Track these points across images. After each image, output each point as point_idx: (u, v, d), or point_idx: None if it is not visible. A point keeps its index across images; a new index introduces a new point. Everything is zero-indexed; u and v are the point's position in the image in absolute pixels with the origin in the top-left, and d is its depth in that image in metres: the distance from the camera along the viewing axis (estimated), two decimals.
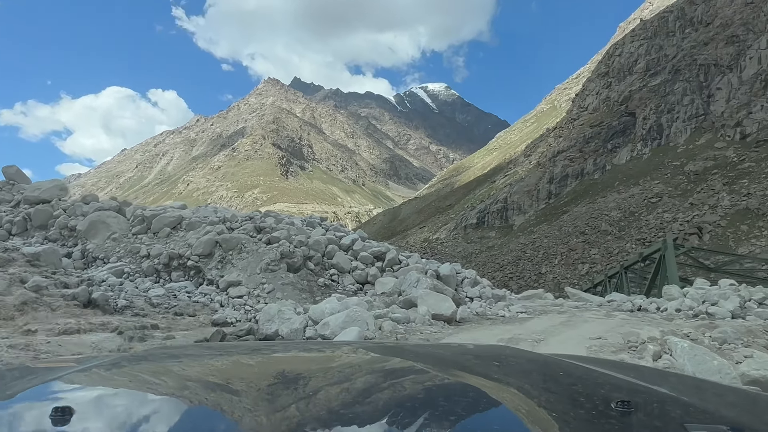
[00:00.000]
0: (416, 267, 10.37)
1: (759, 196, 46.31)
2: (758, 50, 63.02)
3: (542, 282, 53.29)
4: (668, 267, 12.80)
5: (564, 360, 1.51)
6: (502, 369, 1.37)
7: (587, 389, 1.13)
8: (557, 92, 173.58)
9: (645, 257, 15.64)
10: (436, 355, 1.55)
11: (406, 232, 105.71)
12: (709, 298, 8.00)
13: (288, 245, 9.40)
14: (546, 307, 9.22)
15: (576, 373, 1.30)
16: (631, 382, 1.18)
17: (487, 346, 2.08)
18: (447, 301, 7.48)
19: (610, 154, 72.01)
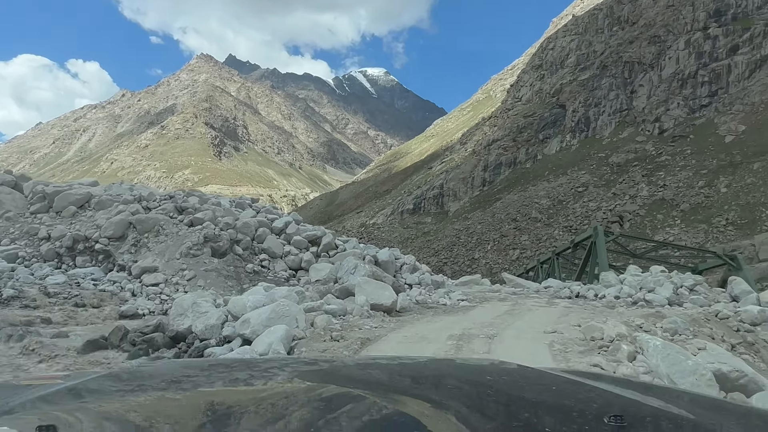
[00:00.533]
0: (354, 252, 9.88)
1: (674, 188, 49.53)
2: (677, 51, 67.04)
3: (475, 267, 54.53)
4: (599, 253, 13.10)
5: (555, 374, 1.43)
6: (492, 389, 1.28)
7: (579, 404, 1.10)
8: (493, 82, 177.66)
9: (576, 244, 16.02)
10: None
11: (343, 217, 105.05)
12: (645, 285, 8.09)
13: (213, 228, 8.58)
14: (485, 294, 9.04)
15: (567, 388, 1.25)
16: (625, 397, 1.15)
17: (475, 366, 1.83)
18: (387, 290, 7.03)
19: (541, 144, 74.48)
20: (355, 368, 1.57)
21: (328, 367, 1.62)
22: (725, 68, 61.04)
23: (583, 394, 1.20)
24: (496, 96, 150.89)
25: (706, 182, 47.49)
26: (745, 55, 60.66)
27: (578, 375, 1.46)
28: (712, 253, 16.00)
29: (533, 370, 1.56)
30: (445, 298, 8.34)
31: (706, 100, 60.62)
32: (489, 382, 1.39)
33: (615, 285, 8.82)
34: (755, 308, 6.79)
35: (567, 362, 3.97)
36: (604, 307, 7.39)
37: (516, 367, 1.64)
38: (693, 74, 63.32)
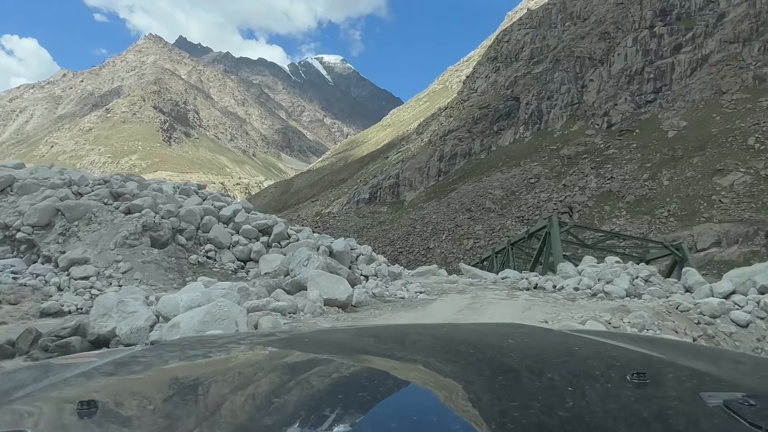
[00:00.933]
0: (307, 243, 9.41)
1: (620, 180, 51.31)
2: (625, 48, 69.24)
3: (430, 257, 54.92)
4: (553, 243, 13.18)
5: (576, 334, 1.48)
6: (516, 345, 1.33)
7: (602, 362, 1.12)
8: (449, 73, 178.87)
9: (531, 234, 16.14)
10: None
11: (298, 206, 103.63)
12: (603, 277, 8.08)
13: (153, 215, 7.92)
14: (443, 285, 8.83)
15: (591, 346, 1.28)
16: (645, 354, 1.18)
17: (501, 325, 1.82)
18: (342, 283, 6.63)
19: (495, 135, 75.57)
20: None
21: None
22: (669, 66, 63.57)
23: (605, 352, 1.20)
24: (452, 87, 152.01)
25: (650, 175, 49.41)
26: (688, 54, 63.34)
27: (599, 335, 1.43)
28: (659, 243, 16.49)
29: (552, 331, 1.56)
30: (402, 290, 8.05)
31: (651, 96, 63.00)
32: (509, 342, 1.37)
33: (573, 276, 8.80)
34: (715, 300, 6.82)
35: None
36: (565, 299, 7.30)
37: (534, 328, 1.63)
38: (640, 71, 65.62)
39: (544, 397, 0.81)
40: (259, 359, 1.25)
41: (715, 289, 7.59)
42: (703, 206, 41.11)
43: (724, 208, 40.10)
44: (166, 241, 7.91)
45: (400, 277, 9.85)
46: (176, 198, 9.44)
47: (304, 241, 9.33)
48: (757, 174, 41.95)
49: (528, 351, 1.28)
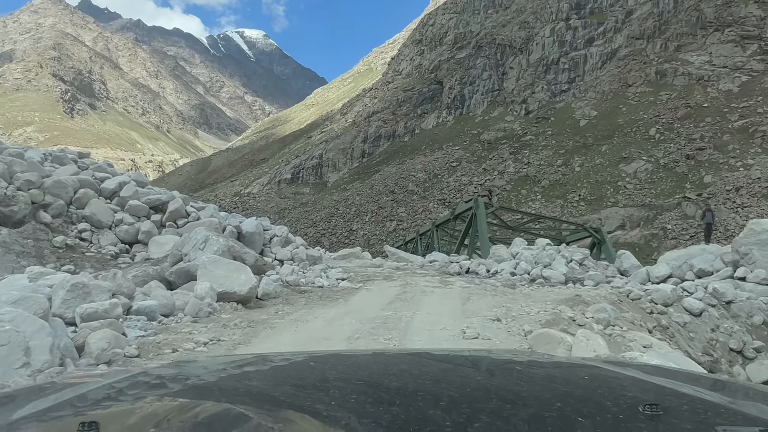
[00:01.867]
0: (209, 222, 8.17)
1: (536, 165, 53.26)
2: (543, 38, 71.74)
3: (353, 238, 54.34)
4: (479, 225, 12.84)
5: (587, 362, 1.45)
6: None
7: (612, 393, 1.09)
8: (374, 55, 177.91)
9: (456, 215, 15.80)
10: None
11: (215, 185, 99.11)
12: (540, 260, 7.70)
13: (5, 186, 6.43)
14: (367, 270, 8.06)
15: (601, 376, 1.24)
16: (658, 385, 1.15)
17: None
18: (242, 272, 5.53)
19: (419, 118, 75.93)
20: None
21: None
22: (582, 58, 66.63)
23: (616, 382, 1.17)
24: (377, 69, 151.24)
25: (563, 161, 51.64)
26: (599, 47, 66.69)
27: (611, 364, 1.41)
28: (579, 225, 16.81)
29: (561, 359, 1.55)
30: (322, 277, 7.20)
31: (566, 86, 65.81)
32: (518, 371, 1.32)
33: (507, 260, 8.37)
34: (668, 287, 6.45)
35: None
36: (505, 287, 6.81)
37: (537, 358, 1.60)
38: (556, 61, 68.28)
39: (552, 429, 0.79)
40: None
41: (652, 273, 7.37)
42: (610, 191, 43.53)
43: (628, 193, 42.69)
44: (22, 218, 6.44)
45: (320, 261, 8.93)
46: (41, 167, 7.85)
47: (206, 220, 8.09)
48: (657, 162, 45.00)
49: (537, 381, 1.21)
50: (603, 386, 1.14)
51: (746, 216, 34.91)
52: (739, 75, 51.26)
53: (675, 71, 55.93)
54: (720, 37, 56.09)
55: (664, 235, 36.84)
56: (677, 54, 58.15)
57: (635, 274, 7.82)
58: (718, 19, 57.44)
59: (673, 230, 36.86)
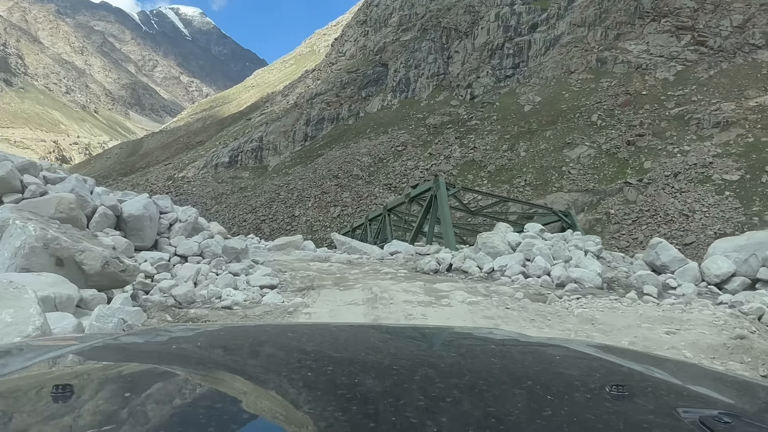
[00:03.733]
0: (60, 199, 5.51)
1: (482, 150, 52.88)
2: (488, 22, 71.38)
3: (296, 225, 52.06)
4: (441, 209, 11.33)
5: (558, 343, 1.49)
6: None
7: (581, 374, 1.14)
8: (317, 37, 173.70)
9: (413, 198, 14.18)
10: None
11: (147, 169, 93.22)
12: (559, 254, 6.15)
13: None
14: (309, 266, 6.26)
15: (572, 356, 1.30)
16: (626, 367, 1.19)
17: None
18: (17, 303, 2.97)
19: (364, 101, 74.01)
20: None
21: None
22: (526, 43, 66.79)
23: (585, 363, 1.22)
24: (319, 51, 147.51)
25: (508, 146, 51.50)
26: (542, 33, 67.05)
27: (581, 345, 1.44)
28: (548, 209, 15.77)
29: (532, 339, 1.55)
30: (238, 285, 5.41)
31: (510, 71, 65.82)
32: (492, 350, 1.36)
33: (505, 252, 6.68)
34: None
35: None
36: (535, 300, 5.06)
37: (509, 336, 1.59)
38: (500, 46, 68.13)
39: (523, 405, 0.83)
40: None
41: (708, 271, 5.79)
42: (554, 176, 43.64)
43: (572, 178, 42.94)
44: None
45: (244, 256, 6.85)
46: None
47: (55, 196, 5.63)
48: (600, 148, 45.57)
49: (507, 360, 1.25)
50: (573, 366, 1.19)
51: (684, 201, 35.80)
52: (674, 64, 52.80)
53: (615, 59, 56.98)
54: (657, 27, 57.59)
55: (607, 219, 37.20)
56: (617, 42, 59.30)
57: (682, 272, 6.09)
58: (654, 10, 58.95)
59: (616, 215, 37.28)
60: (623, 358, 1.27)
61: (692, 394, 1.00)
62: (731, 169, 37.24)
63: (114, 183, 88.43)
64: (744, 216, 32.66)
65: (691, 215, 34.05)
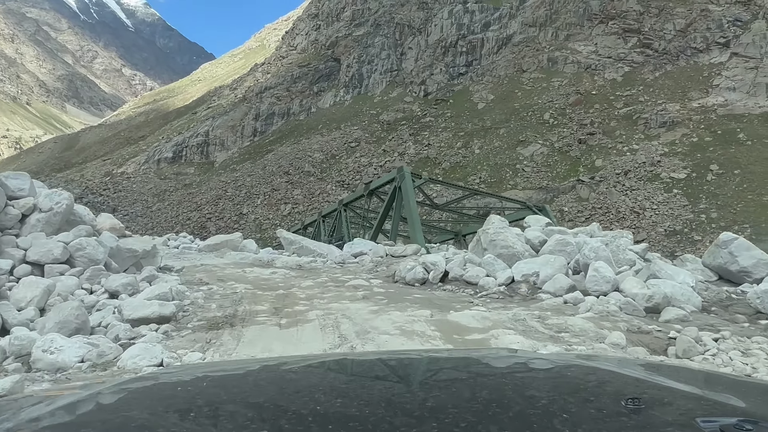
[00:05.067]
0: None
1: (436, 147, 52.23)
2: (441, 19, 71.02)
3: (243, 223, 49.67)
4: (406, 202, 9.99)
5: (569, 358, 1.45)
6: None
7: (596, 388, 1.12)
8: (267, 31, 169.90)
9: (372, 190, 12.72)
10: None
11: (84, 165, 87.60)
12: (621, 259, 4.67)
13: None
14: (244, 273, 4.64)
15: (583, 371, 1.27)
16: (640, 379, 1.17)
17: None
18: None
19: (315, 96, 72.07)
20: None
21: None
22: (480, 42, 66.82)
23: (597, 376, 1.19)
24: (269, 45, 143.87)
25: (463, 143, 51.07)
26: (495, 32, 67.28)
27: (592, 360, 1.42)
28: (521, 203, 14.83)
29: (543, 356, 1.53)
30: (86, 329, 3.46)
31: (464, 69, 65.66)
32: (502, 370, 1.32)
33: (526, 255, 4.97)
34: None
35: None
36: (636, 341, 3.42)
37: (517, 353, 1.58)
38: (454, 43, 67.88)
39: (537, 425, 0.81)
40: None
41: None
42: (509, 174, 43.45)
43: (526, 176, 42.87)
44: None
45: (151, 261, 4.88)
46: None
47: None
48: (552, 146, 45.79)
49: (521, 379, 1.22)
50: (585, 382, 1.16)
51: (635, 199, 36.23)
52: (622, 65, 53.95)
53: (565, 59, 57.72)
54: (605, 29, 58.77)
55: (561, 217, 37.13)
56: (567, 43, 60.15)
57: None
58: (602, 12, 60.17)
59: (570, 212, 37.33)
60: (636, 370, 1.23)
61: (710, 402, 0.97)
62: (678, 167, 38.07)
63: (46, 179, 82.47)
64: (692, 213, 33.32)
65: (641, 213, 34.45)
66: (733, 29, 50.49)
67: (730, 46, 49.45)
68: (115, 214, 55.97)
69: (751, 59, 47.05)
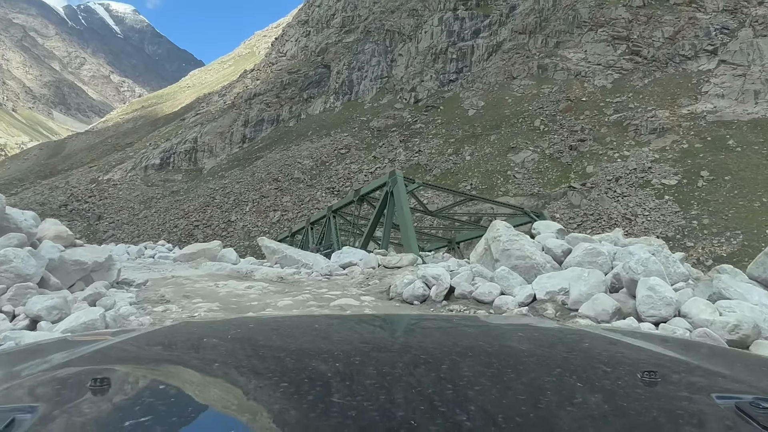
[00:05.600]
0: None
1: (427, 153, 51.89)
2: (431, 26, 71.01)
3: (231, 230, 48.91)
4: (398, 208, 9.46)
5: (588, 330, 1.46)
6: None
7: (611, 359, 1.11)
8: (257, 38, 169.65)
9: (363, 196, 12.14)
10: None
11: (70, 172, 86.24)
12: (673, 272, 3.91)
13: None
14: (216, 287, 4.03)
15: (600, 343, 1.28)
16: (657, 353, 1.17)
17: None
18: None
19: (305, 103, 71.60)
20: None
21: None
22: (470, 49, 66.85)
23: (615, 349, 1.20)
24: (259, 52, 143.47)
25: (453, 150, 50.78)
26: (485, 39, 67.36)
27: (612, 332, 1.41)
28: (519, 209, 14.38)
29: (562, 326, 1.54)
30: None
31: (454, 75, 65.60)
32: (520, 337, 1.33)
33: (548, 267, 4.25)
34: None
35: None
36: None
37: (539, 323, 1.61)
38: (444, 50, 67.85)
39: (553, 392, 0.81)
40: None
41: None
42: (500, 180, 43.17)
43: (517, 182, 42.59)
44: None
45: (104, 275, 4.16)
46: None
47: None
48: (543, 153, 45.61)
49: (538, 346, 1.23)
50: (602, 353, 1.16)
51: (627, 205, 36.05)
52: (611, 72, 54.10)
53: (555, 66, 57.82)
54: (594, 36, 59.02)
55: None
56: (556, 50, 60.31)
57: None
58: (591, 20, 60.47)
59: (561, 219, 37.00)
60: (653, 343, 1.22)
61: (726, 377, 0.97)
62: (669, 174, 37.99)
63: (31, 186, 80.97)
64: (684, 220, 33.17)
65: (633, 219, 34.25)
66: (720, 37, 50.88)
67: (718, 54, 49.80)
68: (100, 222, 54.51)
69: (738, 66, 47.37)
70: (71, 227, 42.28)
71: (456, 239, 18.38)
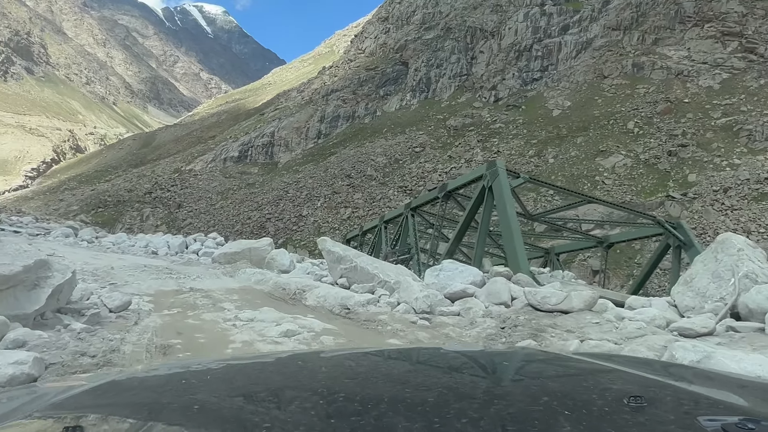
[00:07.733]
0: None
1: (506, 155, 49.10)
2: (516, 23, 67.74)
3: (302, 225, 48.78)
4: (501, 206, 7.51)
5: (572, 356, 1.48)
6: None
7: (598, 386, 1.11)
8: (337, 37, 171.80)
9: (450, 192, 10.10)
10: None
11: (158, 162, 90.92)
12: None
13: None
14: (239, 322, 2.41)
15: (586, 369, 1.29)
16: (640, 376, 1.17)
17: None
18: None
19: (381, 100, 70.74)
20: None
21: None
22: (556, 46, 63.05)
23: (600, 375, 1.21)
24: (339, 51, 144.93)
25: (535, 152, 47.73)
26: (574, 36, 63.26)
27: (595, 357, 1.43)
28: (649, 217, 12.09)
29: (547, 354, 1.57)
30: None
31: (538, 74, 62.12)
32: (505, 367, 1.33)
33: None
34: None
35: None
36: None
37: (531, 351, 1.62)
38: (528, 47, 64.46)
39: (540, 422, 0.80)
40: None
41: None
42: (587, 186, 39.76)
43: (607, 189, 39.05)
44: None
45: (35, 300, 2.88)
46: None
47: None
48: (637, 158, 41.63)
49: (524, 376, 1.24)
50: (588, 379, 1.16)
51: (737, 220, 31.76)
52: (719, 72, 48.71)
53: (653, 65, 53.02)
54: (699, 32, 53.56)
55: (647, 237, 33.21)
56: (654, 47, 55.34)
57: None
58: (697, 14, 54.94)
59: None
60: (636, 368, 1.22)
61: (711, 401, 0.97)
62: None
63: (123, 174, 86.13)
64: None
65: (746, 236, 29.97)
66: None
67: None
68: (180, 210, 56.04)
69: None
70: (153, 214, 43.20)
71: (554, 250, 16.19)
